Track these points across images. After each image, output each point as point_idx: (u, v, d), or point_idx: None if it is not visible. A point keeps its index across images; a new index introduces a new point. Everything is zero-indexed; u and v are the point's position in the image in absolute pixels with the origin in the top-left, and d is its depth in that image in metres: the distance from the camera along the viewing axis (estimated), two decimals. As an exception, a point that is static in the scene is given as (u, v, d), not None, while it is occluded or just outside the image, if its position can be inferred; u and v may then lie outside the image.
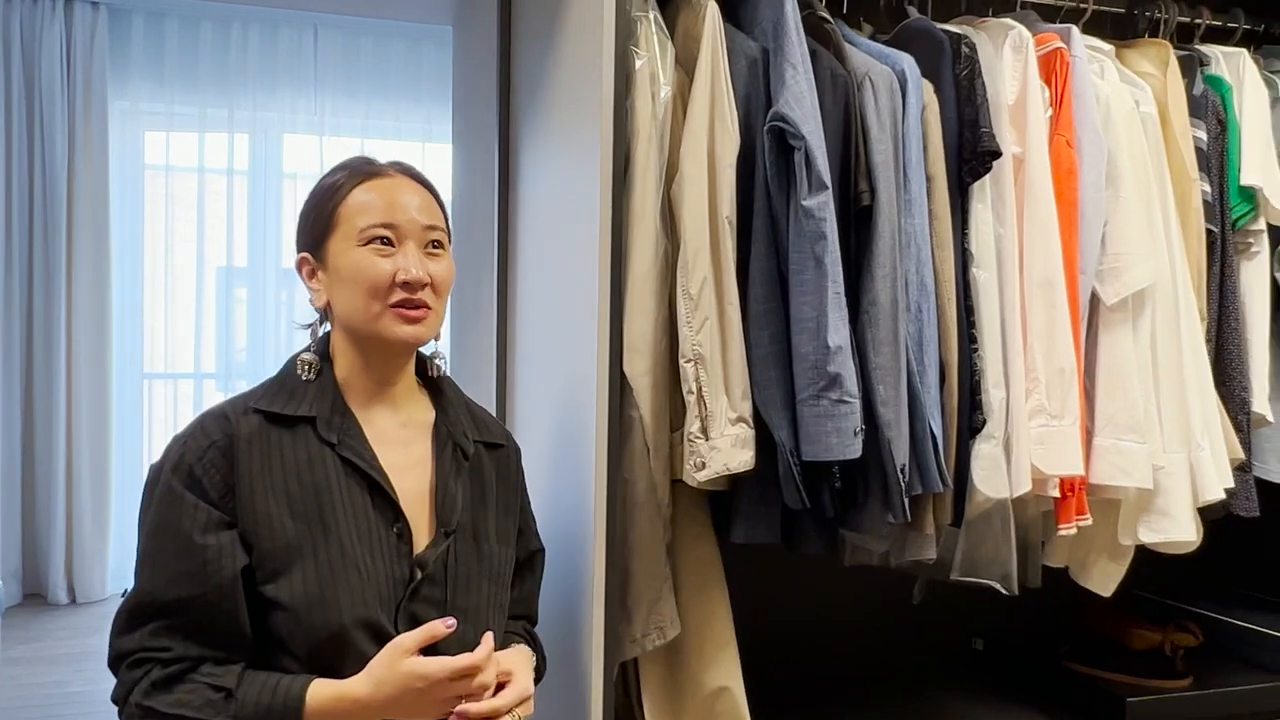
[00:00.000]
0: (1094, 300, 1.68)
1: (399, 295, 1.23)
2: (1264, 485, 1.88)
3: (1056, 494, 1.63)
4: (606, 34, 1.41)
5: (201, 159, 5.24)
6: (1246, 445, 1.78)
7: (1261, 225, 1.82)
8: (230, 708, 1.12)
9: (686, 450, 1.44)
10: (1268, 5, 2.05)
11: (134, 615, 1.16)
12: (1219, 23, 1.99)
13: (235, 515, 1.18)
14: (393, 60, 5.37)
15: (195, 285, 5.29)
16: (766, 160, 1.46)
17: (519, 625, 1.42)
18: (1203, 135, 1.78)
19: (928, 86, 1.58)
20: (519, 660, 1.30)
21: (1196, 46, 1.90)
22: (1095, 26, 1.86)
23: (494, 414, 1.97)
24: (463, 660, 1.18)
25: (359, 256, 1.24)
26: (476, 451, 1.35)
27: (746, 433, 1.45)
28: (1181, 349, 1.70)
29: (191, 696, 1.13)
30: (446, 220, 1.34)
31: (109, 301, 4.97)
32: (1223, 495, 1.71)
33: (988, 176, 1.59)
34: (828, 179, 1.42)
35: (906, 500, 1.47)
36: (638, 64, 1.45)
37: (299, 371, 1.28)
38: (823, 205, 1.42)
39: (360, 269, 1.24)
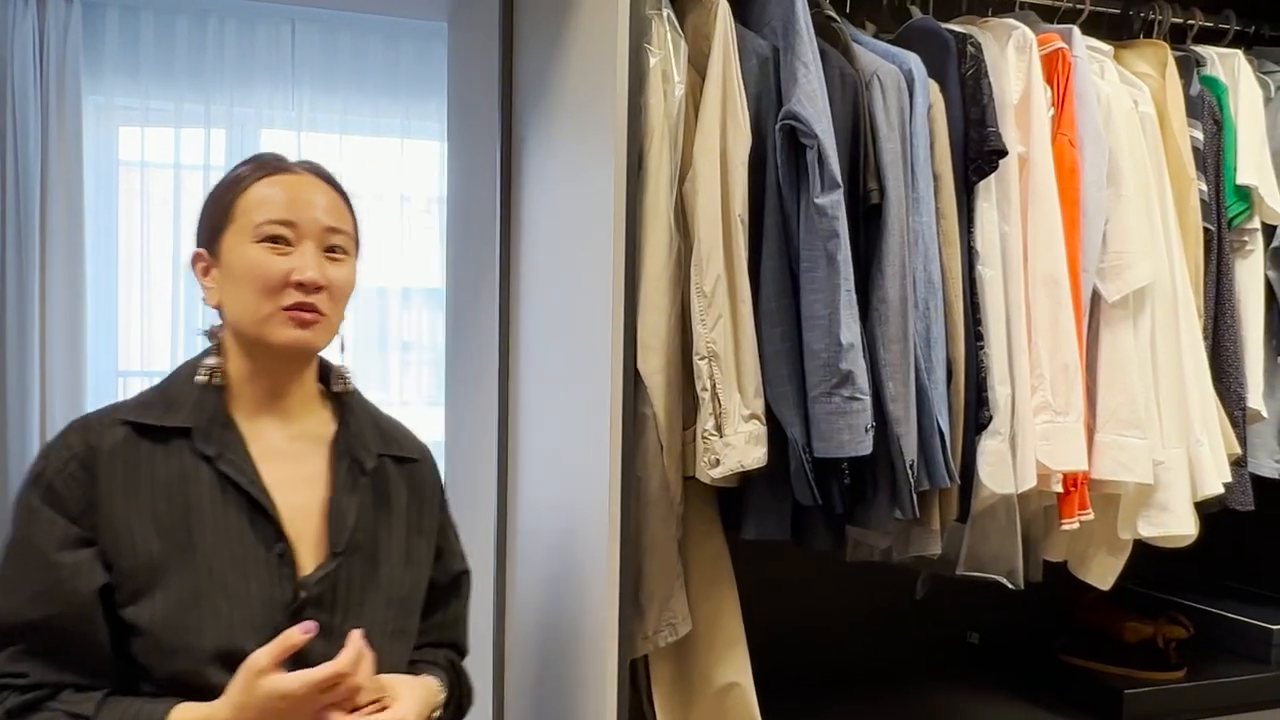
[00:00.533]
0: (1095, 298, 1.70)
1: (292, 297, 1.16)
2: (1252, 480, 1.91)
3: (1060, 489, 1.65)
4: (621, 31, 1.41)
5: (177, 155, 5.17)
6: (1242, 440, 1.81)
7: (1256, 224, 1.86)
8: None
9: (700, 447, 1.45)
10: (1259, 7, 2.08)
11: None
12: (1211, 24, 2.01)
13: (96, 532, 1.11)
14: (371, 56, 5.32)
15: (171, 282, 5.22)
16: (778, 159, 1.47)
17: (439, 654, 1.35)
18: (1199, 135, 1.81)
19: (934, 86, 1.59)
20: (409, 688, 1.19)
21: (1191, 47, 1.93)
22: (1091, 27, 1.88)
23: (496, 415, 1.97)
24: (324, 671, 1.08)
25: (253, 253, 1.17)
26: (381, 467, 1.28)
27: (760, 430, 1.45)
28: (1180, 346, 1.73)
29: None
30: (356, 228, 1.27)
31: (83, 298, 4.90)
32: (1221, 490, 1.74)
33: (993, 175, 1.61)
34: (840, 177, 1.43)
35: (915, 496, 1.49)
36: (651, 62, 1.45)
37: (199, 377, 1.20)
38: (835, 203, 1.43)
39: (252, 266, 1.16)
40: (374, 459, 1.27)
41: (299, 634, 1.09)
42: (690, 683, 1.59)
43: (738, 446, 1.44)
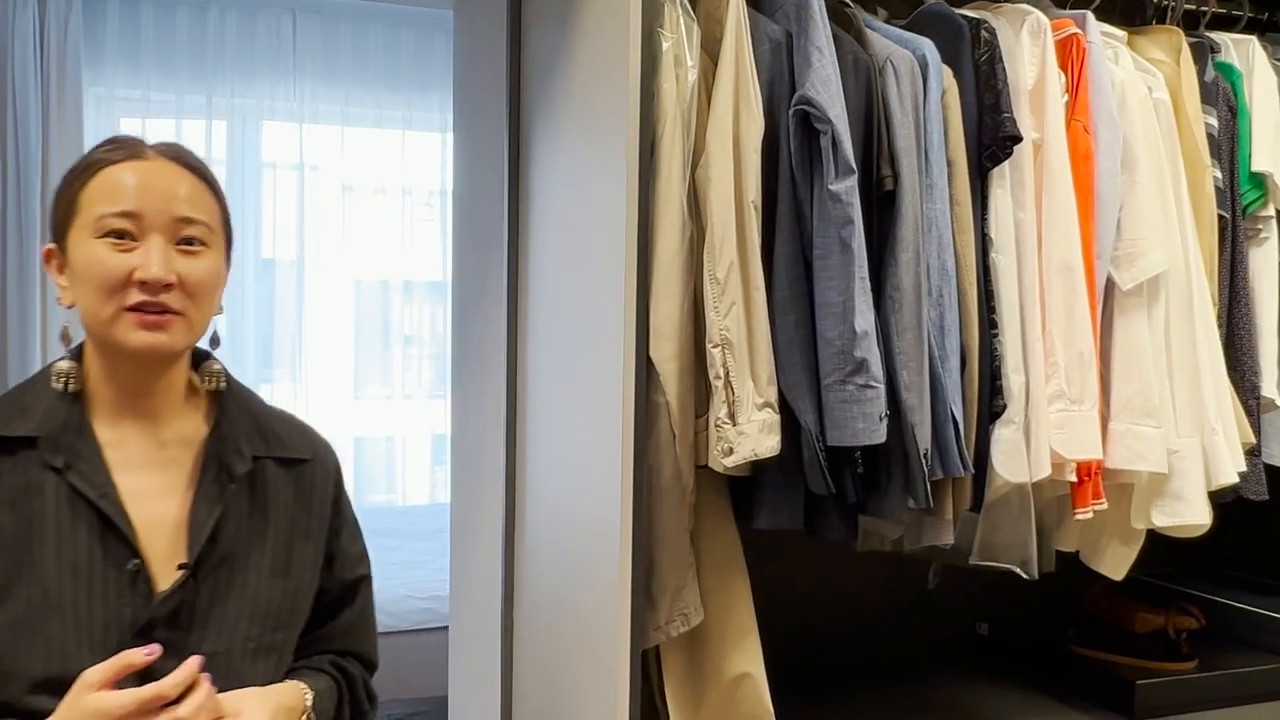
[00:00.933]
0: (1109, 285, 1.69)
1: (135, 296, 1.07)
2: (1265, 469, 1.89)
3: (1074, 478, 1.64)
4: (633, 16, 1.40)
5: (178, 147, 5.15)
6: (1257, 429, 1.80)
7: (1271, 211, 1.84)
8: None
9: (713, 436, 1.44)
10: (1272, -7, 2.07)
11: None
12: (1224, 10, 2.00)
13: None
14: (372, 47, 5.31)
15: (173, 275, 5.20)
16: (791, 144, 1.46)
17: (323, 660, 1.27)
18: (1214, 122, 1.79)
19: (947, 71, 1.58)
20: (254, 699, 1.11)
21: (1205, 33, 1.91)
22: (1104, 12, 1.86)
23: (505, 407, 1.96)
24: (148, 690, 1.00)
25: (93, 250, 1.07)
26: (260, 470, 1.20)
27: (773, 418, 1.44)
28: (1195, 334, 1.71)
29: None
30: (221, 215, 1.18)
31: (85, 291, 4.88)
32: (1236, 479, 1.72)
33: (1007, 162, 1.59)
34: (854, 163, 1.42)
35: (929, 485, 1.48)
36: (664, 46, 1.43)
37: (53, 383, 1.12)
38: (849, 190, 1.41)
39: (92, 264, 1.07)
40: (247, 463, 1.18)
41: (140, 655, 1.03)
42: (702, 673, 1.58)
43: (751, 435, 1.42)
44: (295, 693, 1.17)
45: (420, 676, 3.60)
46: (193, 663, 1.05)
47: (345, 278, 5.59)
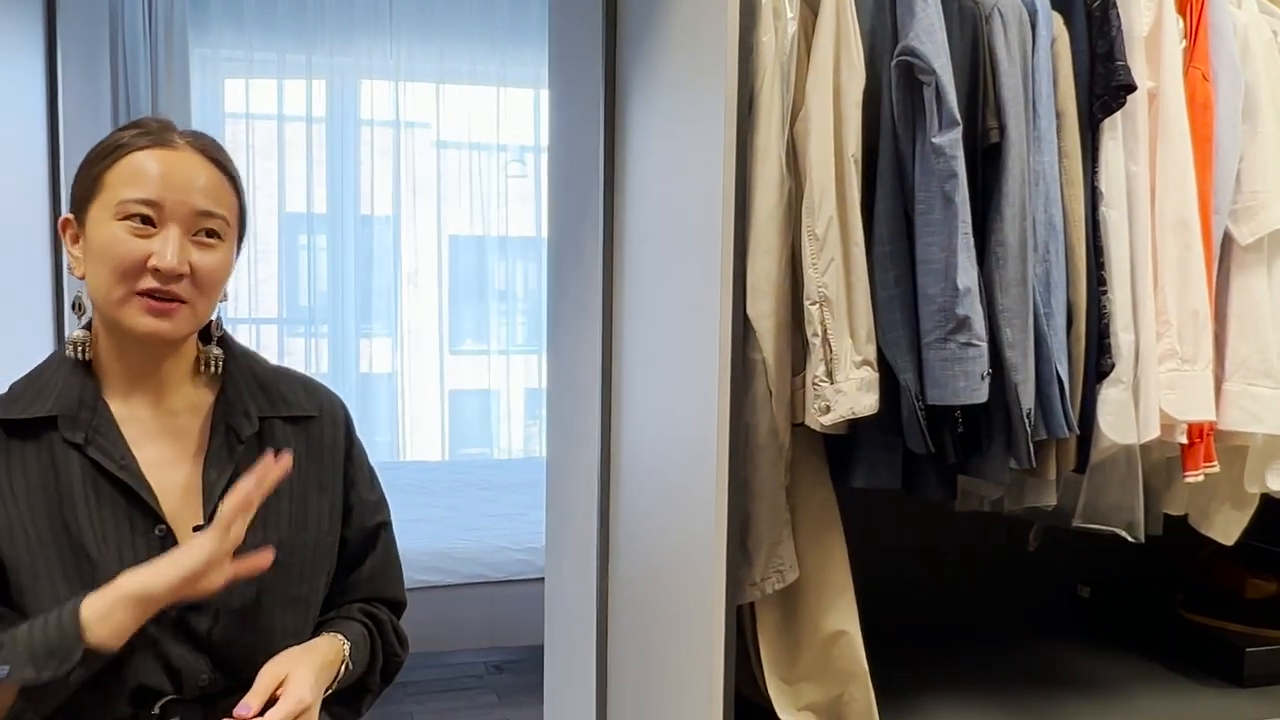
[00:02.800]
0: (1226, 240, 1.62)
1: (148, 282, 1.10)
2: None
3: (1184, 440, 1.59)
4: (732, -33, 1.37)
5: (280, 107, 5.27)
6: (1381, 391, 1.71)
7: (1404, 161, 1.74)
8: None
9: (810, 394, 1.42)
10: None
11: None
12: (1358, -53, 1.88)
13: None
14: (467, 3, 5.34)
15: (276, 234, 5.35)
16: (893, 97, 1.42)
17: (352, 607, 1.31)
18: (1345, 66, 1.70)
19: (1057, 18, 1.52)
20: (297, 661, 1.15)
21: (1337, -28, 1.81)
22: (1227, -47, 1.77)
23: (600, 363, 1.97)
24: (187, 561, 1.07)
25: (111, 231, 1.10)
26: (268, 430, 1.23)
27: (871, 376, 1.42)
28: (1318, 291, 1.63)
29: None
30: (238, 210, 1.20)
31: (193, 249, 5.04)
32: (1358, 442, 1.65)
33: (1120, 112, 1.53)
34: (958, 115, 1.38)
35: (1031, 445, 1.45)
36: (763, -2, 1.41)
37: (70, 353, 1.16)
38: (953, 143, 1.37)
39: (108, 245, 1.10)
40: (253, 424, 1.22)
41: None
42: (797, 630, 1.58)
43: (849, 393, 1.41)
44: (333, 645, 1.22)
45: (516, 626, 3.68)
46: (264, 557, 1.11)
47: (441, 234, 5.66)
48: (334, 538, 1.28)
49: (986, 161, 1.46)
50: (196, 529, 1.15)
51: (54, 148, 1.86)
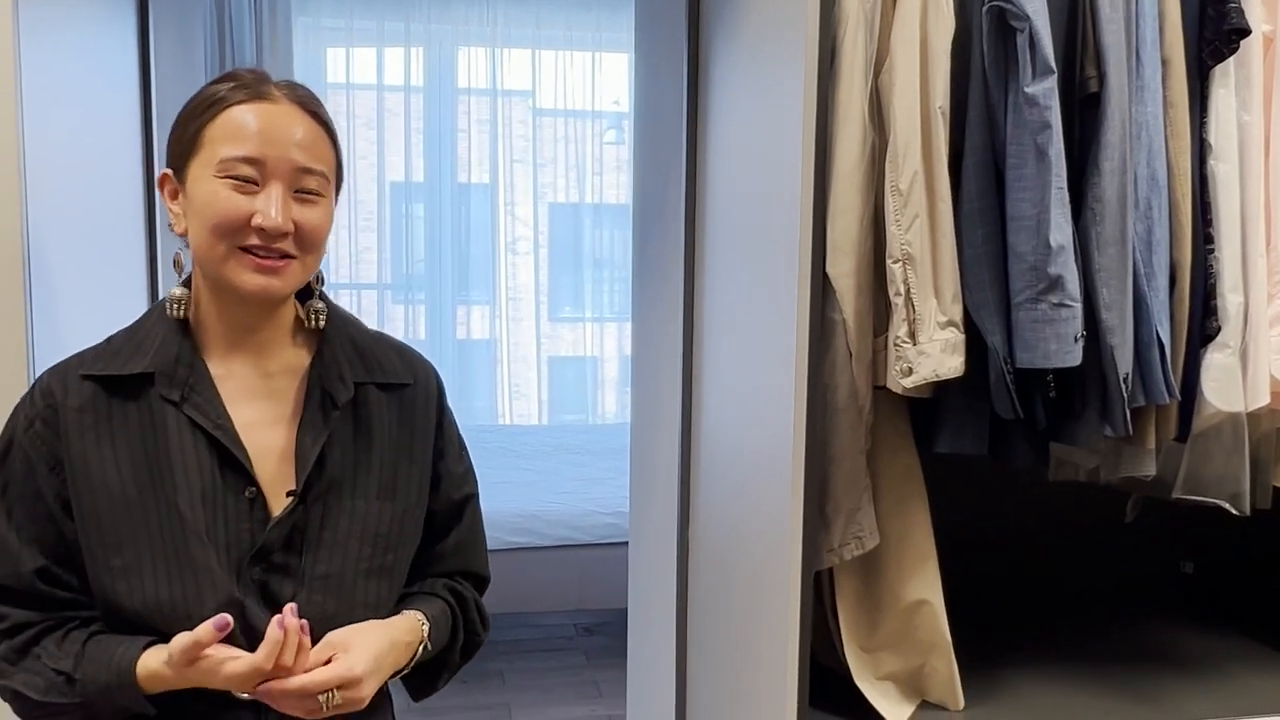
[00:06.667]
0: (1349, 196, 1.51)
1: (252, 239, 1.08)
2: None
3: (1297, 409, 1.50)
4: (814, -88, 1.32)
5: (380, 76, 5.35)
6: None
7: None
8: (75, 690, 1.07)
9: (892, 355, 1.38)
10: None
11: None
12: None
13: (66, 489, 1.11)
14: (564, -33, 5.32)
15: (376, 202, 5.44)
16: (984, 44, 1.36)
17: (436, 584, 1.29)
18: None
19: (1165, -42, 1.43)
20: (364, 635, 1.13)
21: None
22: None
23: (681, 325, 1.95)
24: (245, 665, 1.05)
25: (214, 189, 1.08)
26: (363, 396, 1.21)
27: (957, 337, 1.37)
28: None
29: (36, 679, 1.09)
30: (336, 163, 1.18)
31: (297, 217, 5.16)
32: None
33: (1232, 58, 1.44)
34: (1054, 63, 1.31)
35: (1129, 412, 1.38)
36: (846, -57, 1.36)
37: (169, 310, 1.15)
38: (1048, 92, 1.31)
39: (211, 203, 1.08)
40: (349, 390, 1.19)
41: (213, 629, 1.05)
42: (877, 598, 1.55)
43: (933, 355, 1.36)
44: (412, 626, 1.20)
45: (604, 588, 3.70)
46: (281, 621, 1.06)
47: (538, 202, 5.69)
48: (422, 509, 1.25)
49: (1085, 112, 1.39)
50: (290, 494, 1.14)
51: (146, 116, 1.90)
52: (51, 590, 1.12)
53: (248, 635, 1.10)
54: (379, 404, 1.22)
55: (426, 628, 1.21)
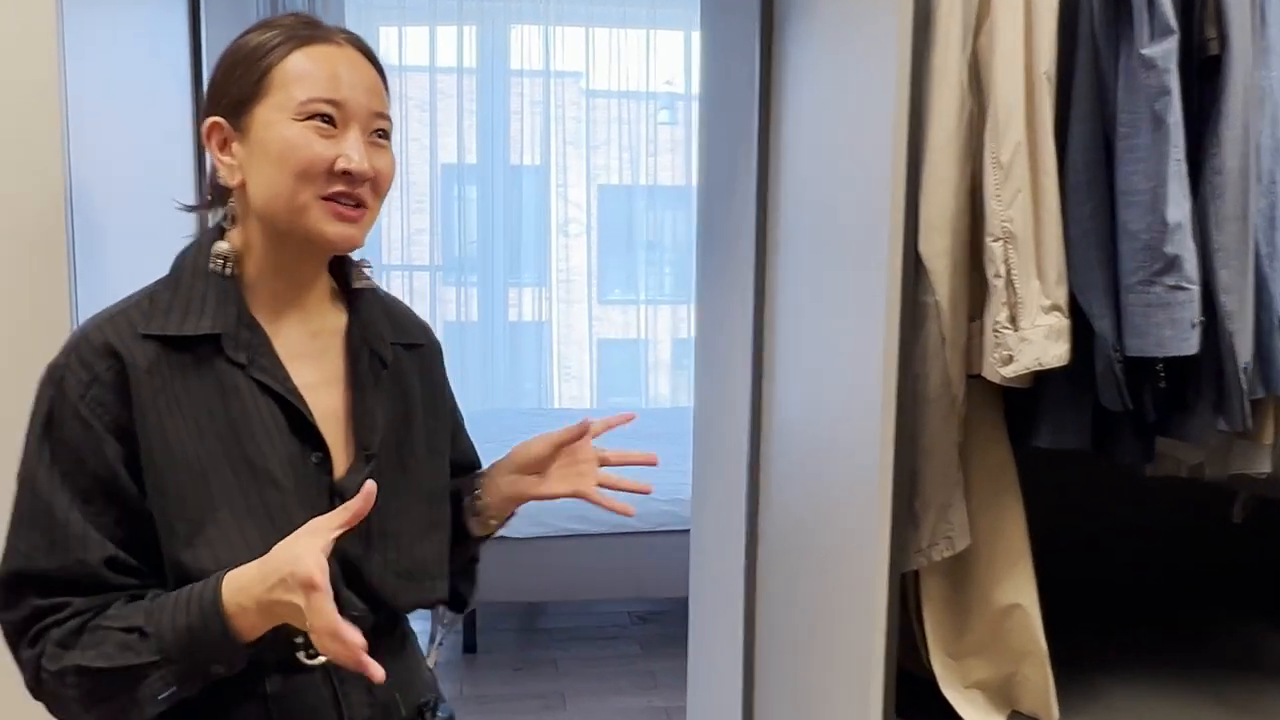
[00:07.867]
0: None
1: (336, 186, 1.04)
2: None
3: None
4: None
5: (432, 58, 5.32)
6: None
7: None
8: (150, 646, 0.97)
9: (990, 342, 1.29)
10: None
11: (11, 584, 1.01)
12: None
13: (132, 458, 1.02)
14: (616, -56, 5.24)
15: (428, 182, 5.42)
16: (1094, 3, 1.26)
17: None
18: None
19: (1294, -92, 1.32)
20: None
21: None
22: None
23: (751, 308, 1.87)
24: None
25: (294, 133, 1.03)
26: (396, 356, 1.19)
27: (1061, 323, 1.27)
28: None
29: (103, 645, 0.98)
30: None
31: (351, 197, 5.15)
32: None
33: (1369, 18, 1.32)
34: (1174, 22, 1.21)
35: (1248, 405, 1.27)
36: (944, -106, 1.26)
37: (213, 266, 1.08)
38: (1167, 54, 1.21)
39: (294, 147, 1.03)
40: (390, 350, 1.19)
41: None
42: (966, 601, 1.45)
43: (1035, 341, 1.26)
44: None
45: (660, 576, 3.64)
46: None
47: (590, 184, 5.65)
48: (447, 462, 1.27)
49: (1204, 77, 1.28)
50: (369, 457, 1.12)
51: (198, 94, 1.85)
52: (123, 580, 1.02)
53: None
54: (409, 364, 1.22)
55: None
